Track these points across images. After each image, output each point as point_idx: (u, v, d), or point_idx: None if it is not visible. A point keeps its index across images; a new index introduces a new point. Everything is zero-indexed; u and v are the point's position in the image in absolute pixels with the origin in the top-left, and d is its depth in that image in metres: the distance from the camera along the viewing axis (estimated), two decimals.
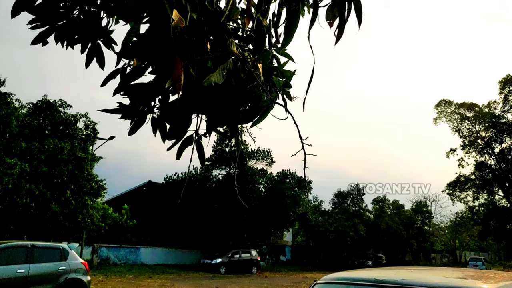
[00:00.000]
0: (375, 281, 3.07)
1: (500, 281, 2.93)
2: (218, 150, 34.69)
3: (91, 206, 21.58)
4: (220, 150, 34.60)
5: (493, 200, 42.93)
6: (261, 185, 33.86)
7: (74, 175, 20.81)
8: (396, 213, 45.09)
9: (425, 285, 2.82)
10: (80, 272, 11.02)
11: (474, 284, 2.72)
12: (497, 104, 42.13)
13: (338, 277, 3.38)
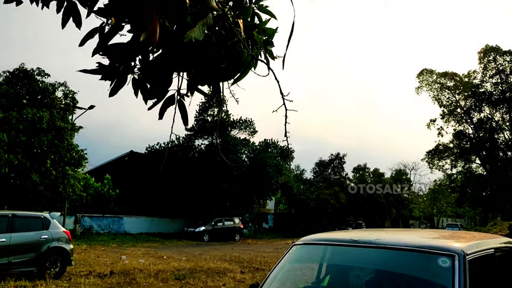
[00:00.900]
0: (351, 241, 3.17)
1: (470, 241, 3.05)
2: (200, 119, 34.51)
3: (72, 176, 21.40)
4: (202, 119, 34.43)
5: (470, 168, 44.06)
6: (244, 155, 33.98)
7: (54, 145, 20.52)
8: (376, 181, 45.97)
9: (399, 244, 2.92)
10: (63, 241, 11.03)
11: (446, 243, 2.83)
12: (477, 73, 42.71)
13: (315, 238, 3.47)
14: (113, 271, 11.91)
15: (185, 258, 16.60)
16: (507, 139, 41.38)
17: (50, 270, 10.68)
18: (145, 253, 18.41)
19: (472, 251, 2.78)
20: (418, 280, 2.73)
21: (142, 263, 14.03)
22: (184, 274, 11.66)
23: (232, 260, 16.33)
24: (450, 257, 2.63)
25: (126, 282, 10.36)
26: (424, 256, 2.75)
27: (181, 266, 13.54)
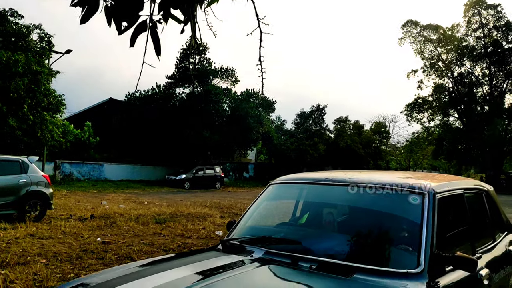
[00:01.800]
0: (325, 179, 3.24)
1: (441, 181, 3.16)
2: (181, 67, 33.90)
3: (50, 121, 21.05)
4: (183, 67, 33.82)
5: (448, 121, 44.84)
6: (225, 104, 33.78)
7: (30, 89, 20.01)
8: (356, 133, 46.54)
9: (372, 183, 3.01)
10: (42, 185, 11.02)
11: (418, 182, 2.92)
12: (460, 27, 42.54)
13: (291, 177, 3.54)
14: (94, 215, 12.04)
15: (166, 204, 16.84)
16: (485, 93, 41.95)
17: (30, 214, 10.75)
18: (126, 199, 18.59)
19: (442, 190, 2.88)
20: (389, 216, 2.84)
21: (122, 208, 14.19)
22: (164, 218, 11.87)
23: (212, 206, 16.65)
24: (420, 195, 2.73)
25: (106, 225, 10.50)
26: (396, 194, 2.84)
27: (162, 211, 13.75)
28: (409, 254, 2.50)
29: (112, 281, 2.44)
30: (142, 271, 2.65)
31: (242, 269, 2.57)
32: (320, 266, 2.52)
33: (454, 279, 2.59)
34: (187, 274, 2.50)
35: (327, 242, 2.90)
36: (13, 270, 5.97)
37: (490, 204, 3.81)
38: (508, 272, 3.43)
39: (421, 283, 2.32)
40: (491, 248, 3.44)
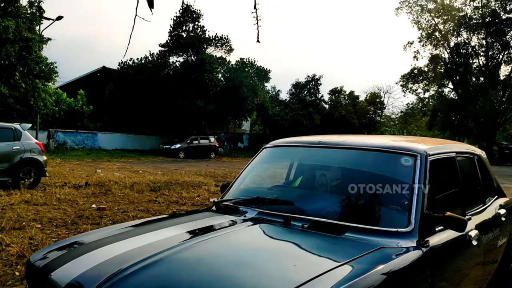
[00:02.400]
0: (319, 142, 3.25)
1: (434, 144, 3.17)
2: (175, 35, 33.39)
3: (42, 89, 20.82)
4: (176, 35, 33.32)
5: (443, 92, 44.79)
6: (220, 73, 33.45)
7: (22, 56, 19.67)
8: (351, 104, 46.46)
9: (365, 145, 3.02)
10: (35, 152, 10.98)
11: (410, 144, 2.93)
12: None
13: (285, 141, 3.55)
14: (88, 182, 12.07)
15: (160, 173, 16.90)
16: (481, 64, 41.79)
17: (24, 181, 10.76)
18: (121, 168, 18.62)
19: (434, 152, 2.90)
20: (381, 177, 2.85)
21: (117, 176, 14.23)
22: (159, 186, 11.92)
23: (207, 175, 16.73)
24: (412, 157, 2.74)
25: (101, 193, 10.55)
26: (389, 156, 2.86)
27: (157, 180, 13.80)
28: (400, 214, 2.53)
29: (105, 239, 2.46)
30: (135, 229, 2.68)
31: (234, 228, 2.61)
32: (312, 225, 2.56)
33: (444, 239, 2.64)
34: (179, 232, 2.53)
35: (320, 202, 2.93)
36: (8, 234, 6.02)
37: (482, 168, 3.85)
38: (497, 234, 3.49)
39: (411, 241, 2.36)
40: (481, 211, 3.50)
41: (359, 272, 1.92)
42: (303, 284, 1.74)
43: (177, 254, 2.11)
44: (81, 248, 2.36)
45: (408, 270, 2.19)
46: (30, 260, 2.36)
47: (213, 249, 2.28)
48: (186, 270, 1.98)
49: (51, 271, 2.13)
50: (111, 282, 1.83)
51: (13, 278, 4.25)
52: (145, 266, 1.94)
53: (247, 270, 2.00)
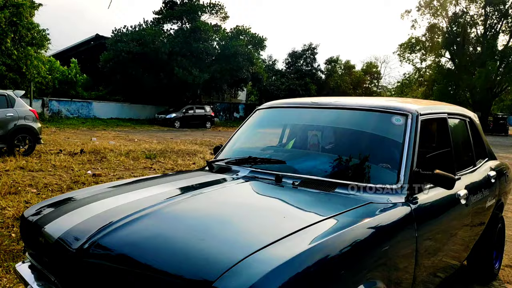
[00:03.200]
0: (311, 103, 3.26)
1: (425, 104, 3.18)
2: (169, 2, 32.76)
3: (35, 57, 20.52)
4: (170, 2, 32.69)
5: (440, 62, 44.55)
6: (215, 42, 32.99)
7: (13, 23, 19.29)
8: (347, 73, 46.19)
9: (357, 105, 3.03)
10: (29, 119, 10.92)
11: (402, 105, 2.93)
12: None
13: (277, 102, 3.55)
14: (83, 150, 12.07)
15: (156, 141, 16.90)
16: (478, 34, 41.44)
17: (19, 148, 10.74)
18: (116, 136, 18.60)
19: (425, 112, 2.91)
20: (372, 136, 2.88)
21: (113, 144, 14.22)
22: (154, 154, 11.95)
23: (203, 144, 16.76)
24: (404, 116, 2.75)
25: (97, 160, 10.57)
26: (380, 115, 2.87)
27: (152, 148, 13.82)
28: (390, 171, 2.56)
29: (97, 195, 2.49)
30: (127, 187, 2.71)
31: (225, 185, 2.64)
32: (303, 182, 2.59)
33: (433, 196, 2.68)
34: (170, 189, 2.56)
35: (311, 161, 2.96)
36: (4, 198, 6.06)
37: (473, 130, 3.87)
38: (486, 195, 3.55)
39: (400, 197, 2.40)
40: (471, 172, 3.54)
41: (345, 224, 1.96)
42: (287, 236, 1.77)
43: (167, 208, 2.14)
44: (73, 203, 2.39)
45: (396, 225, 2.23)
46: (24, 215, 2.39)
47: (203, 203, 2.31)
48: (174, 223, 2.01)
49: (44, 224, 2.17)
50: (102, 234, 1.86)
51: (9, 239, 4.31)
52: (135, 219, 1.97)
53: (234, 223, 2.03)
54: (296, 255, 1.63)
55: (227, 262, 1.56)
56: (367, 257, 1.95)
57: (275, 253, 1.64)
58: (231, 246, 1.74)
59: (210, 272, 1.53)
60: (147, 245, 1.79)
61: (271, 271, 1.52)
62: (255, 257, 1.59)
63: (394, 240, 2.19)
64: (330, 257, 1.73)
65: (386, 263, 2.09)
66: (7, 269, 3.56)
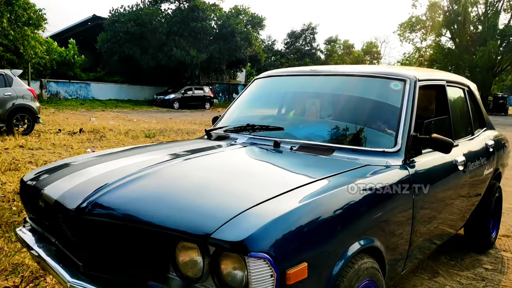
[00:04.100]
0: (310, 71, 3.25)
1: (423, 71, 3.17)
2: None
3: (32, 37, 20.33)
4: None
5: (440, 42, 44.20)
6: (213, 21, 32.63)
7: (8, 2, 19.03)
8: (346, 53, 45.90)
9: (356, 72, 3.03)
10: (28, 98, 10.87)
11: (402, 71, 2.92)
12: None
13: (276, 71, 3.53)
14: (83, 129, 12.06)
15: (155, 121, 16.89)
16: (479, 13, 41.01)
17: (18, 127, 10.73)
18: (115, 117, 18.57)
19: (423, 78, 2.90)
20: (371, 102, 2.87)
21: (112, 124, 14.21)
22: (154, 133, 11.96)
23: (202, 123, 16.73)
24: (402, 81, 2.74)
25: (96, 139, 10.57)
26: (378, 81, 2.86)
27: (151, 127, 13.82)
28: (387, 135, 2.56)
29: (95, 160, 2.50)
30: (124, 152, 2.72)
31: (223, 149, 2.65)
32: (301, 147, 2.60)
33: (431, 161, 2.69)
34: (168, 153, 2.57)
35: (310, 128, 2.97)
36: (4, 174, 6.08)
37: (472, 99, 3.87)
38: (483, 163, 3.56)
39: (397, 160, 2.41)
40: (469, 141, 3.55)
41: (341, 184, 1.97)
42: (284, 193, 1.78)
43: (164, 169, 2.16)
44: (71, 168, 2.40)
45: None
46: (23, 179, 2.40)
47: (200, 165, 2.32)
48: (171, 183, 2.03)
49: (43, 187, 2.18)
50: (98, 195, 1.87)
51: (10, 211, 4.34)
52: (133, 179, 1.98)
53: (231, 182, 2.05)
54: (293, 209, 1.66)
55: (225, 216, 1.57)
56: (362, 215, 1.97)
57: (272, 208, 1.65)
58: (228, 202, 1.75)
59: (208, 225, 1.54)
60: (145, 202, 1.80)
61: (267, 224, 1.54)
62: (251, 212, 1.61)
63: (390, 201, 2.21)
64: (325, 213, 1.75)
65: (383, 223, 2.11)
66: (8, 239, 3.59)
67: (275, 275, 1.45)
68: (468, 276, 3.41)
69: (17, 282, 2.85)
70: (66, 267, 1.90)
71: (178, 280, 1.64)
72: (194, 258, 1.60)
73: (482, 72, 38.78)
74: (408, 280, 3.27)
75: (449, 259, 3.76)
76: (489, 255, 3.90)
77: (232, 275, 1.53)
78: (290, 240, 1.56)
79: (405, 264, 2.51)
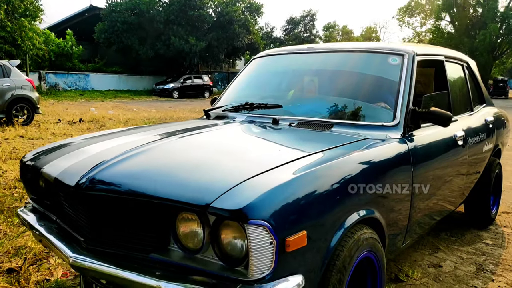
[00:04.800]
0: (308, 48, 3.23)
1: (422, 47, 3.15)
2: None
3: (29, 28, 20.25)
4: None
5: (439, 26, 43.93)
6: (210, 9, 32.41)
7: None
8: (345, 39, 45.64)
9: (354, 48, 3.02)
10: (26, 89, 10.85)
11: (400, 46, 2.90)
12: None
13: (273, 50, 3.52)
14: (82, 119, 12.06)
15: (155, 110, 16.88)
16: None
17: (18, 118, 10.72)
18: (114, 107, 18.55)
19: (422, 52, 2.89)
20: (369, 77, 2.86)
21: (111, 114, 14.20)
22: (153, 122, 11.95)
23: (202, 112, 16.65)
24: (400, 56, 2.73)
25: (96, 128, 10.57)
26: (377, 56, 2.85)
27: (151, 116, 13.82)
28: (386, 110, 2.56)
29: (93, 139, 2.51)
30: (123, 132, 2.73)
31: (222, 127, 2.65)
32: (300, 123, 2.60)
33: (430, 135, 2.69)
34: (166, 131, 2.58)
35: (309, 105, 2.96)
36: (5, 163, 6.09)
37: (471, 76, 3.85)
38: (483, 139, 3.56)
39: (396, 134, 2.41)
40: (469, 116, 3.55)
41: (337, 156, 1.97)
42: (282, 165, 1.78)
43: (161, 146, 2.16)
44: (70, 147, 2.40)
45: (391, 161, 2.24)
46: (23, 160, 2.41)
47: (198, 141, 2.33)
48: (169, 157, 2.03)
49: (42, 166, 2.18)
50: (97, 170, 1.87)
51: (12, 198, 4.36)
52: (129, 156, 1.98)
53: (229, 155, 2.05)
54: (291, 179, 1.66)
55: (223, 187, 1.58)
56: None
57: (270, 178, 1.65)
58: (226, 174, 1.76)
59: (208, 195, 1.55)
60: (144, 176, 1.81)
61: (266, 193, 1.54)
62: (250, 182, 1.61)
63: (389, 173, 2.21)
64: (323, 184, 1.75)
65: (382, 195, 2.11)
66: (11, 223, 3.62)
67: (274, 242, 1.46)
68: (468, 251, 3.43)
69: (20, 263, 2.87)
70: (68, 243, 1.92)
71: (179, 252, 1.66)
72: (195, 229, 1.61)
73: (482, 55, 38.58)
74: (408, 255, 3.29)
75: (450, 235, 3.78)
76: (490, 231, 3.92)
77: (232, 245, 1.54)
78: (288, 209, 1.56)
79: (404, 238, 2.53)
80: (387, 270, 2.94)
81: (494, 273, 3.05)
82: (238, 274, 1.50)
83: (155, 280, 1.56)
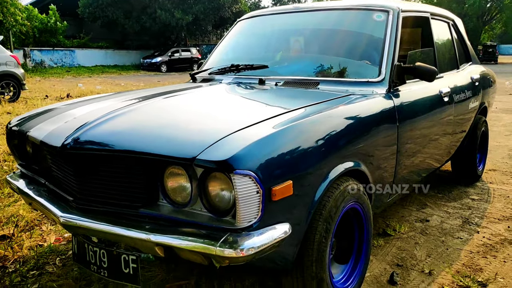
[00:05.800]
0: (294, 8, 3.20)
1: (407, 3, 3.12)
2: None
3: (11, 4, 19.74)
4: None
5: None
6: None
7: None
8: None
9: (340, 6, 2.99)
10: (11, 65, 10.64)
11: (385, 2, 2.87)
12: None
13: (259, 11, 3.48)
14: (70, 94, 11.92)
15: (143, 85, 16.69)
16: None
17: (4, 95, 10.56)
18: (102, 82, 18.32)
19: (407, 9, 2.87)
20: (354, 34, 2.85)
21: (99, 89, 14.04)
22: None
23: None
24: (385, 12, 2.72)
25: None
26: (362, 13, 2.84)
27: None
28: (371, 66, 2.56)
29: (76, 104, 2.49)
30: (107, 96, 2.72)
31: (208, 87, 2.64)
32: (286, 83, 2.60)
33: (416, 90, 2.72)
34: (151, 93, 2.56)
35: (295, 65, 2.96)
36: None
37: (457, 33, 3.85)
38: (469, 96, 3.59)
39: (382, 89, 2.42)
40: (455, 74, 3.56)
41: (321, 110, 1.98)
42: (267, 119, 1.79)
43: (146, 106, 2.16)
44: (54, 112, 2.38)
45: (376, 115, 2.25)
46: (8, 125, 2.40)
47: (182, 100, 2.34)
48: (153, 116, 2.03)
49: (28, 130, 2.18)
50: (82, 130, 1.86)
51: (1, 170, 4.35)
52: (114, 116, 1.97)
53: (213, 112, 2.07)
54: (276, 131, 1.68)
55: (209, 140, 1.59)
56: (346, 139, 1.99)
57: (255, 131, 1.67)
58: (211, 129, 1.77)
59: (194, 148, 1.56)
60: (129, 133, 1.81)
61: (251, 144, 1.55)
62: (235, 136, 1.63)
63: (374, 127, 2.23)
64: (307, 136, 1.78)
65: (367, 148, 2.14)
66: (1, 193, 3.62)
67: (260, 191, 1.48)
68: (455, 206, 3.51)
69: (12, 231, 2.89)
70: (58, 204, 1.93)
71: (168, 206, 1.68)
72: (182, 183, 1.63)
73: (471, 20, 38.38)
74: (396, 212, 3.36)
75: (437, 192, 3.85)
76: (476, 187, 4.00)
77: (219, 196, 1.56)
78: (273, 159, 1.58)
79: (390, 193, 2.57)
80: (375, 226, 3.01)
81: (479, 225, 3.13)
82: (226, 223, 1.53)
83: (145, 234, 1.59)
